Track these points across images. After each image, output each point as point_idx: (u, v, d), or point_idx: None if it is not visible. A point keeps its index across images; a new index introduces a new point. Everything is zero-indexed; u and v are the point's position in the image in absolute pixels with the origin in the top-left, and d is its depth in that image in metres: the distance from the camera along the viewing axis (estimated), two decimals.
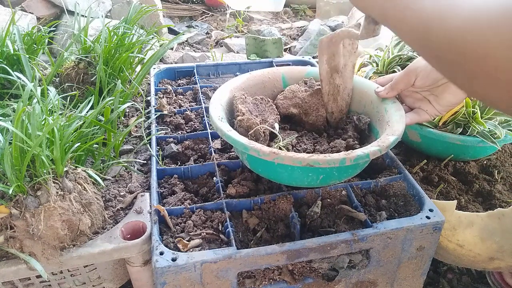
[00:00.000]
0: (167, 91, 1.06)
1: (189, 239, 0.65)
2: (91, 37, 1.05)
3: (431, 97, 0.73)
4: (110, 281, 0.72)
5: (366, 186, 0.76)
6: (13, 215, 0.58)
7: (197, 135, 0.90)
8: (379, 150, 0.60)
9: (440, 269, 1.00)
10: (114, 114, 0.83)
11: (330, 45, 0.72)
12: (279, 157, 0.58)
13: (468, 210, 0.82)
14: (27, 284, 0.66)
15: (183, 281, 0.60)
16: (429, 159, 0.92)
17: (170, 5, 2.61)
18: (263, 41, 1.29)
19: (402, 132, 0.65)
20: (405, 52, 0.97)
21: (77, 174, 0.67)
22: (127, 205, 0.74)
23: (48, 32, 1.08)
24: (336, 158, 0.58)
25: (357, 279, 0.70)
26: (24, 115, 0.59)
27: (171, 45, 1.14)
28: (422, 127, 0.85)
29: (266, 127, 0.69)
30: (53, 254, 0.61)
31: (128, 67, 1.06)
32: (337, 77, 0.76)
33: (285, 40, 2.29)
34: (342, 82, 0.76)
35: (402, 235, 0.67)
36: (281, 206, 0.70)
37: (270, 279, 0.66)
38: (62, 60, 1.00)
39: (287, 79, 0.85)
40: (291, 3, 2.91)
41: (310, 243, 0.63)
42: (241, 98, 0.74)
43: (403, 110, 0.70)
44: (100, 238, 0.65)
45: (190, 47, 2.18)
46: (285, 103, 0.79)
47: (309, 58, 1.27)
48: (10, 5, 1.40)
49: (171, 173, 0.79)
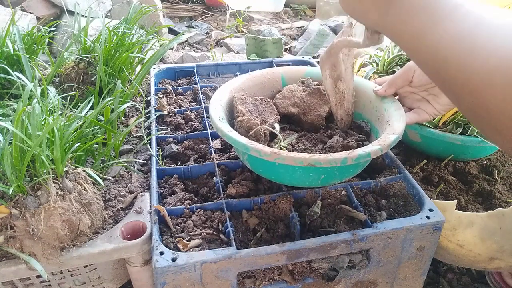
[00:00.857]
0: (167, 91, 1.06)
1: (189, 239, 0.65)
2: (91, 37, 1.05)
3: (429, 97, 0.73)
4: (110, 281, 0.72)
5: (366, 186, 0.76)
6: (13, 215, 0.58)
7: (197, 135, 0.90)
8: (380, 149, 0.60)
9: (440, 269, 1.00)
10: (114, 114, 0.83)
11: (330, 57, 0.72)
12: (281, 157, 0.58)
13: (468, 210, 0.82)
14: (27, 284, 0.66)
15: (183, 281, 0.60)
16: (429, 159, 0.92)
17: (170, 5, 2.61)
18: (263, 41, 1.29)
19: (403, 131, 0.65)
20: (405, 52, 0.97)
21: (77, 174, 0.67)
22: (127, 205, 0.74)
23: (48, 32, 1.08)
24: (338, 158, 0.58)
25: (357, 279, 0.70)
26: (24, 115, 0.59)
27: (171, 45, 1.14)
28: (422, 127, 0.85)
29: (266, 127, 0.69)
30: (53, 254, 0.61)
31: (128, 67, 1.06)
32: (341, 85, 0.76)
33: (285, 40, 2.29)
34: (346, 86, 0.76)
35: (402, 235, 0.67)
36: (281, 206, 0.70)
37: (270, 279, 0.66)
38: (62, 60, 1.00)
39: (286, 79, 0.85)
40: (291, 3, 2.91)
41: (310, 243, 0.63)
42: (241, 99, 0.74)
43: (403, 109, 0.70)
44: (100, 238, 0.65)
45: (190, 47, 2.18)
46: (284, 103, 0.80)
47: (309, 58, 1.27)
48: (10, 5, 1.40)
49: (171, 173, 0.79)
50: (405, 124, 0.67)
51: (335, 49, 0.71)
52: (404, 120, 0.67)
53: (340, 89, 0.76)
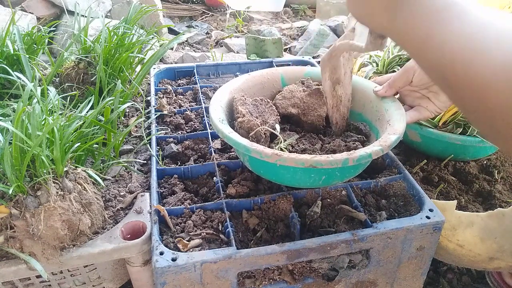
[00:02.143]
0: (167, 91, 1.06)
1: (189, 239, 0.65)
2: (91, 37, 1.05)
3: (430, 94, 0.73)
4: (110, 281, 0.72)
5: (366, 186, 0.76)
6: (13, 215, 0.58)
7: (197, 135, 0.89)
8: (381, 149, 0.60)
9: (440, 269, 1.00)
10: (114, 114, 0.83)
11: (331, 60, 0.72)
12: (282, 159, 0.58)
13: (468, 210, 0.82)
14: (27, 284, 0.66)
15: (183, 281, 0.60)
16: (429, 159, 0.92)
17: (170, 5, 2.61)
18: (263, 41, 1.29)
19: (403, 131, 0.65)
20: (405, 52, 0.97)
21: (77, 174, 0.67)
22: (127, 205, 0.74)
23: (48, 32, 1.08)
24: (339, 159, 0.58)
25: (357, 279, 0.70)
26: (24, 115, 0.59)
27: (171, 45, 1.14)
28: (422, 127, 0.85)
29: (267, 128, 0.69)
30: (53, 254, 0.61)
31: (128, 67, 1.06)
32: (339, 89, 0.76)
33: (285, 40, 2.29)
34: (343, 90, 0.76)
35: (402, 235, 0.67)
36: (281, 206, 0.70)
37: (270, 279, 0.66)
38: (62, 60, 1.00)
39: (286, 80, 0.85)
40: (291, 3, 2.91)
41: (310, 243, 0.63)
42: (241, 100, 0.74)
43: (403, 109, 0.70)
44: (100, 238, 0.65)
45: (190, 47, 2.18)
46: (283, 103, 0.79)
47: (309, 58, 1.27)
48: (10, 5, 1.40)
49: (171, 173, 0.79)
50: (406, 123, 0.67)
51: (336, 52, 0.71)
52: (405, 120, 0.67)
53: (338, 92, 0.76)
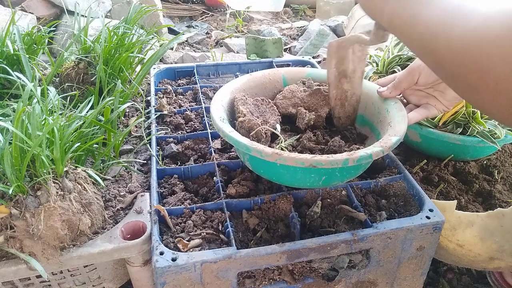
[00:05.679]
0: (167, 91, 1.06)
1: (189, 239, 0.65)
2: (91, 37, 1.05)
3: (436, 93, 0.73)
4: (110, 281, 0.72)
5: (366, 186, 0.76)
6: (13, 215, 0.58)
7: (197, 135, 0.89)
8: (382, 150, 0.60)
9: (440, 269, 1.00)
10: (114, 114, 0.83)
11: (339, 49, 0.72)
12: (282, 158, 0.58)
13: (468, 210, 0.82)
14: (27, 284, 0.66)
15: (183, 281, 0.60)
16: (429, 159, 0.92)
17: (170, 5, 2.61)
18: (263, 41, 1.29)
19: (404, 132, 0.65)
20: (405, 52, 0.97)
21: (77, 174, 0.67)
22: (127, 205, 0.74)
23: (48, 32, 1.08)
24: (339, 159, 0.58)
25: (357, 279, 0.70)
26: (24, 115, 0.59)
27: (171, 45, 1.14)
28: (422, 127, 0.85)
29: (267, 128, 0.69)
30: (53, 254, 0.61)
31: (128, 67, 1.06)
32: (345, 82, 0.76)
33: (285, 40, 2.29)
34: (351, 87, 0.76)
35: (402, 235, 0.67)
36: (281, 206, 0.70)
37: (270, 279, 0.66)
38: (62, 60, 1.00)
39: (287, 80, 0.85)
40: (291, 3, 2.91)
41: (310, 243, 0.63)
42: (242, 99, 0.74)
43: (405, 110, 0.70)
44: (100, 238, 0.65)
45: (190, 47, 2.18)
46: (284, 103, 0.79)
47: (309, 58, 1.27)
48: (10, 5, 1.40)
49: (171, 173, 0.79)
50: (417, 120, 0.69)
51: (345, 43, 0.71)
52: (406, 121, 0.67)
53: (344, 87, 0.76)
